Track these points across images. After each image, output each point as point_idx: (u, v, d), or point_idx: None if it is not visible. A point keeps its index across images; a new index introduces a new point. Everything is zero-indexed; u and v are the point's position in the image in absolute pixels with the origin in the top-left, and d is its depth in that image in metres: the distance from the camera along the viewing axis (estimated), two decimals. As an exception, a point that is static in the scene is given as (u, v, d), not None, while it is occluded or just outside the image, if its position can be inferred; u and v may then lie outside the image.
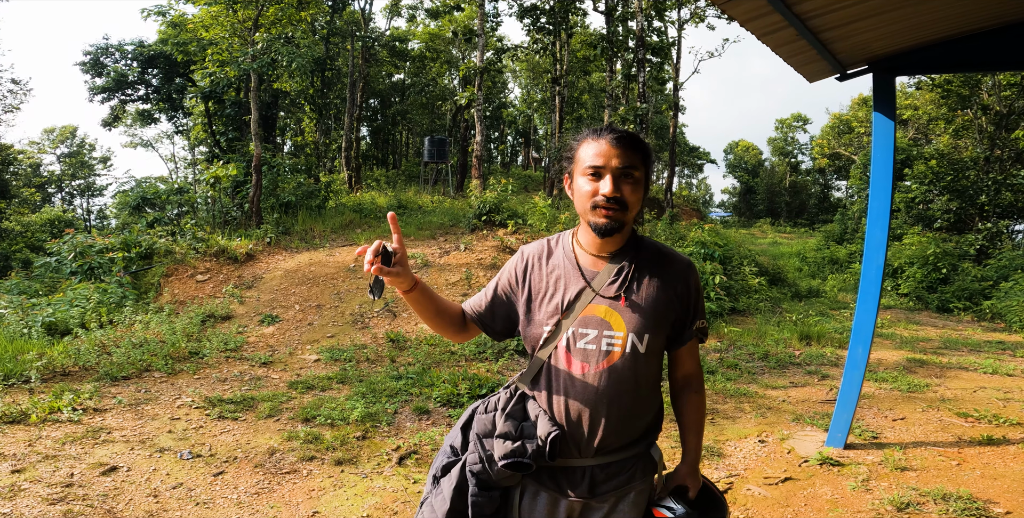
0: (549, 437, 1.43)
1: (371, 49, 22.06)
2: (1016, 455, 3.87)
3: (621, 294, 1.45)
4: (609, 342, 1.44)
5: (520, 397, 1.54)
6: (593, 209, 1.41)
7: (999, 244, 13.97)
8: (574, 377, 1.45)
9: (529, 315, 1.53)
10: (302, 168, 13.82)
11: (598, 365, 1.44)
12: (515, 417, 1.50)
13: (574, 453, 1.48)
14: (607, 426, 1.45)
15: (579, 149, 1.45)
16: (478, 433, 1.53)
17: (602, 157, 1.39)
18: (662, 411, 1.62)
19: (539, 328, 1.49)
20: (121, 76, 19.51)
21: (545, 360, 1.48)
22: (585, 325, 1.45)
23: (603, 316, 1.45)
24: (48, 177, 39.02)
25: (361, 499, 3.26)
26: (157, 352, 5.88)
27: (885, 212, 3.70)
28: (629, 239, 1.51)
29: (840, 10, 2.86)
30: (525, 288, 1.55)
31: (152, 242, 9.32)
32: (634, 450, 1.53)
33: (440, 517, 1.51)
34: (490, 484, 1.50)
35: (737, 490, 3.38)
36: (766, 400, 5.10)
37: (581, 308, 1.46)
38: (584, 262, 1.51)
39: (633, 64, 15.97)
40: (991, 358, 6.88)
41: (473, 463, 1.51)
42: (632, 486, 1.53)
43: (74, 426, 4.10)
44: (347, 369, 5.84)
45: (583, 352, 1.45)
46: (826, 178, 42.24)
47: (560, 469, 1.50)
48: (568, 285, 1.48)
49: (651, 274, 1.48)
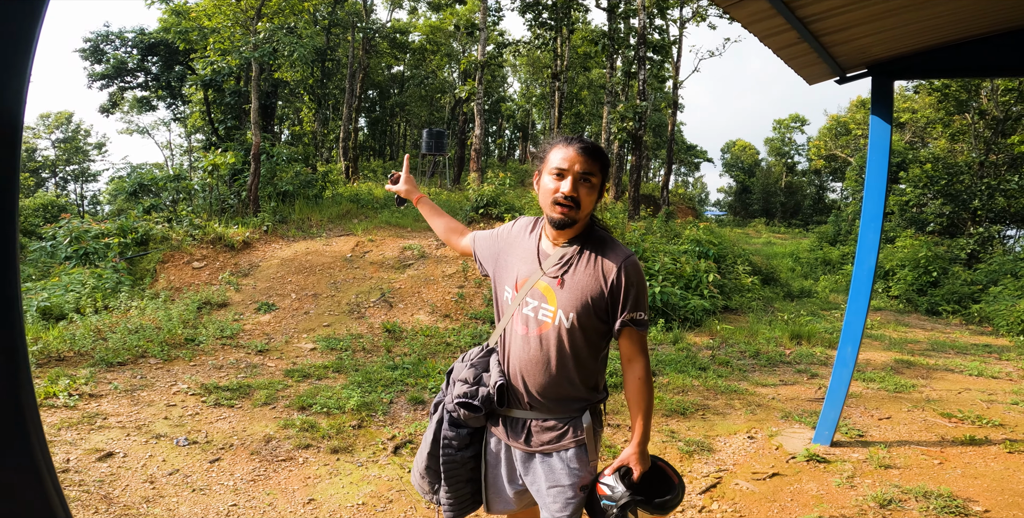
0: (496, 385, 1.73)
1: (372, 40, 21.97)
2: (997, 455, 3.96)
3: (559, 276, 1.70)
4: (544, 313, 1.70)
5: (488, 351, 1.85)
6: (553, 205, 1.65)
7: (990, 249, 14.10)
8: (518, 337, 1.73)
9: (496, 273, 1.86)
10: (300, 157, 13.80)
11: (536, 330, 1.71)
12: (477, 367, 1.80)
13: (515, 403, 1.76)
14: (537, 384, 1.71)
15: (550, 152, 1.69)
16: (452, 378, 1.83)
17: (567, 161, 1.63)
18: (602, 389, 1.83)
19: (502, 290, 1.81)
20: (121, 63, 19.44)
21: (505, 321, 1.77)
22: (532, 296, 1.72)
23: (543, 291, 1.71)
24: (42, 162, 38.75)
25: (356, 487, 3.31)
26: (153, 338, 5.89)
27: (878, 214, 3.76)
28: (581, 233, 1.74)
29: (842, 14, 2.90)
30: (501, 249, 1.87)
31: (148, 228, 9.31)
32: (566, 413, 1.75)
33: (427, 444, 1.86)
34: (459, 422, 1.81)
35: (726, 484, 3.45)
36: (756, 397, 5.18)
37: (532, 283, 1.72)
38: (543, 246, 1.78)
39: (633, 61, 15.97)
40: (977, 360, 6.98)
41: (447, 402, 1.82)
42: (565, 445, 1.73)
43: (70, 411, 4.12)
44: (343, 358, 5.88)
45: (526, 317, 1.73)
46: (822, 179, 42.41)
47: (507, 417, 1.79)
48: (528, 261, 1.77)
49: (588, 264, 1.70)
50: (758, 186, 43.90)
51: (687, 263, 9.32)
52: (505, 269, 1.82)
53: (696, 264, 9.43)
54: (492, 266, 1.90)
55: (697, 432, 4.27)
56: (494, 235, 1.94)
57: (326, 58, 20.76)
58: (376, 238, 10.12)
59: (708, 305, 8.50)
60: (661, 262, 8.83)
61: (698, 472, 3.61)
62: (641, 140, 15.17)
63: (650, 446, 1.77)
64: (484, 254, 1.95)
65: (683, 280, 8.89)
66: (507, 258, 1.84)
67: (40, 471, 0.77)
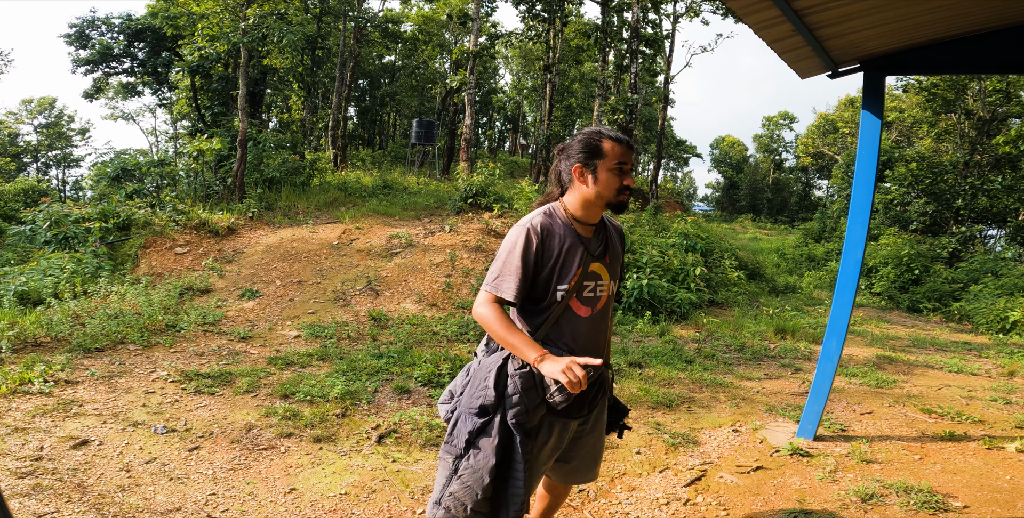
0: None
1: (363, 29, 21.71)
2: (976, 451, 4.00)
3: (605, 253, 1.98)
4: (600, 288, 1.94)
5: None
6: (618, 194, 1.89)
7: (971, 248, 14.29)
8: (583, 319, 1.91)
9: (548, 278, 1.87)
10: (288, 145, 13.63)
11: (596, 307, 1.94)
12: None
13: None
14: (604, 351, 2.02)
15: (607, 147, 1.87)
16: (521, 387, 1.83)
17: (627, 158, 1.89)
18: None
19: (561, 286, 1.87)
20: (106, 49, 19.16)
21: (564, 309, 1.88)
22: (587, 278, 1.91)
23: (597, 271, 1.93)
24: (24, 147, 38.04)
25: (339, 477, 3.27)
26: (133, 324, 5.79)
27: (866, 208, 3.76)
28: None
29: (837, 7, 2.87)
30: (544, 259, 1.88)
31: (131, 213, 9.15)
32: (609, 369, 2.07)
33: (487, 473, 1.79)
34: (528, 430, 1.85)
35: (710, 477, 3.46)
36: (741, 391, 5.20)
37: (587, 267, 1.90)
38: (581, 232, 1.93)
39: (626, 55, 15.92)
40: (957, 357, 7.07)
41: (518, 415, 1.81)
42: (606, 394, 2.09)
43: (45, 398, 4.04)
44: (328, 346, 5.82)
45: (588, 299, 1.92)
46: (808, 177, 42.79)
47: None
48: (576, 252, 1.89)
49: (611, 234, 2.05)
50: (746, 182, 44.17)
51: (675, 256, 9.34)
52: (557, 273, 1.87)
53: (683, 258, 9.46)
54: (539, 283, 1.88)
55: (682, 425, 4.27)
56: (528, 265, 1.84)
57: (317, 46, 20.47)
58: (363, 226, 10.02)
59: (695, 298, 8.53)
60: (649, 255, 8.84)
61: (683, 465, 3.61)
62: (631, 133, 15.15)
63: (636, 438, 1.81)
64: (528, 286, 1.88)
65: (670, 273, 8.90)
66: (556, 264, 1.87)
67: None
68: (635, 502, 3.14)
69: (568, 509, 3.02)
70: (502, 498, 1.83)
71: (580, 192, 1.90)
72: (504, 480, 1.82)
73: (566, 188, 1.96)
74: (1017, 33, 3.29)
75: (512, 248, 1.84)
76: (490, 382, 1.85)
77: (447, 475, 1.86)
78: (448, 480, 1.85)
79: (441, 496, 1.85)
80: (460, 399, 1.94)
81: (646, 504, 3.12)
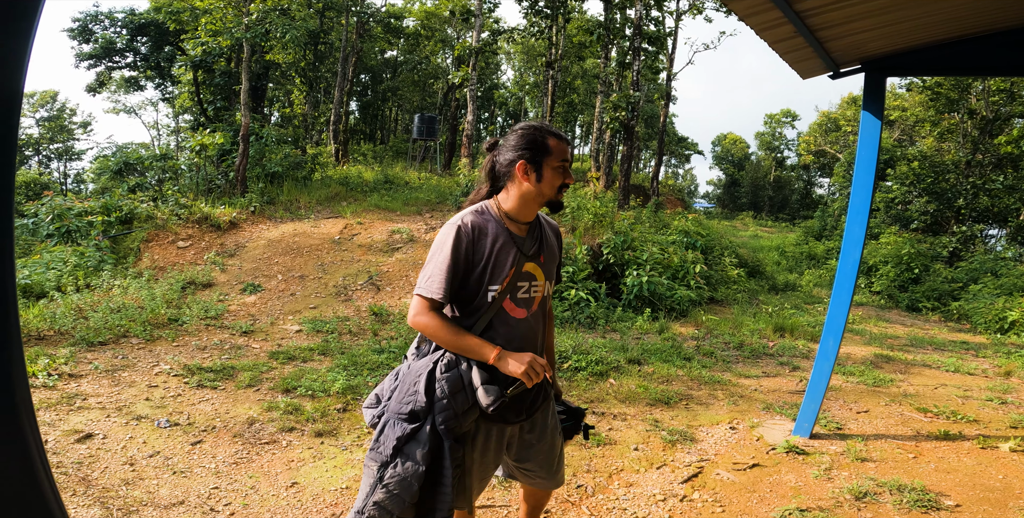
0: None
1: (366, 24, 21.67)
2: (970, 451, 4.04)
3: (540, 253, 1.93)
4: (535, 289, 1.90)
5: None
6: (559, 192, 1.86)
7: (972, 247, 14.30)
8: (518, 320, 1.87)
9: (480, 279, 1.81)
10: (289, 139, 13.65)
11: (531, 308, 1.90)
12: (485, 367, 1.79)
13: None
14: (542, 354, 1.96)
15: (552, 144, 1.83)
16: (448, 391, 1.74)
17: (568, 155, 1.85)
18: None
19: (492, 287, 1.81)
20: (109, 43, 19.18)
21: (496, 311, 1.83)
22: (521, 279, 1.86)
23: (531, 271, 1.89)
24: (26, 140, 38.05)
25: (340, 471, 3.31)
26: (135, 318, 5.82)
27: (865, 208, 3.78)
28: None
29: (838, 9, 2.89)
30: (475, 258, 1.81)
31: (133, 207, 9.17)
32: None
33: (416, 480, 1.71)
34: (459, 435, 1.77)
35: (707, 474, 3.49)
36: (739, 388, 5.24)
37: (520, 267, 1.85)
38: (515, 231, 1.87)
39: (628, 52, 15.87)
40: (954, 357, 7.10)
41: (447, 420, 1.72)
42: (548, 399, 2.01)
43: (49, 392, 4.08)
44: (329, 341, 5.86)
45: (523, 300, 1.87)
46: (810, 175, 42.72)
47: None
48: (509, 251, 1.84)
49: (545, 232, 1.99)
50: (747, 180, 44.14)
51: (675, 253, 9.37)
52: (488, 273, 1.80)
53: (684, 255, 9.48)
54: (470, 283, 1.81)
55: (680, 422, 4.31)
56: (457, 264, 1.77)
57: (319, 41, 20.45)
58: (365, 221, 10.05)
59: (694, 296, 8.56)
60: (649, 252, 8.86)
61: (680, 461, 3.65)
62: (633, 130, 15.14)
63: (634, 434, 1.83)
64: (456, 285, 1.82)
65: (670, 270, 8.93)
66: (487, 265, 1.80)
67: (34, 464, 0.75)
68: (632, 498, 3.18)
69: (566, 505, 3.06)
70: (427, 505, 1.75)
71: (520, 190, 1.83)
72: (432, 486, 1.74)
73: (501, 185, 1.88)
74: (1017, 36, 3.31)
75: (441, 247, 1.77)
76: (420, 387, 1.75)
77: (371, 484, 1.76)
78: (372, 489, 1.75)
79: (364, 505, 1.76)
80: (388, 404, 1.82)
81: (643, 500, 3.16)
